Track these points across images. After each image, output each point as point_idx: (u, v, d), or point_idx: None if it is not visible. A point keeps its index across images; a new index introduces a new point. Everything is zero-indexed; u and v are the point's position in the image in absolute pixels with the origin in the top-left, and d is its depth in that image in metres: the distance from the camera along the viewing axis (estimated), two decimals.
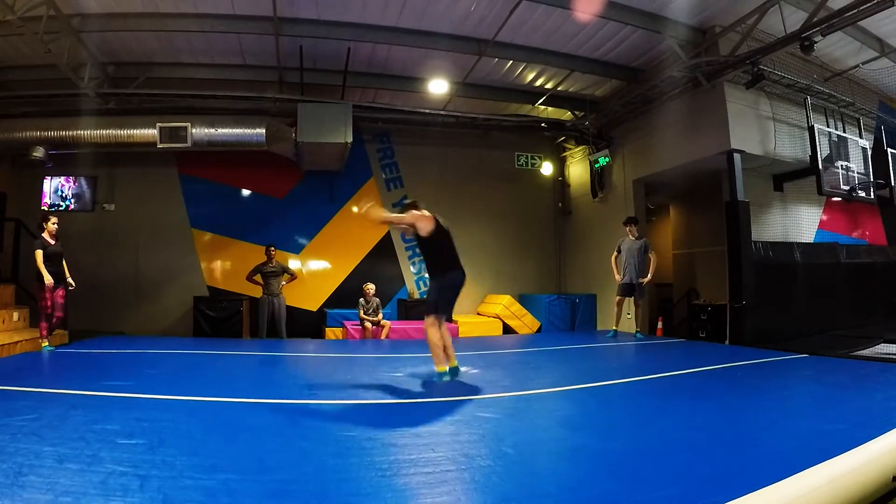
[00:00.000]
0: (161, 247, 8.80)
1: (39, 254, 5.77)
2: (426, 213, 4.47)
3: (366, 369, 4.92)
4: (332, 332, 8.30)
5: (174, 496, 1.86)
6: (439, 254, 4.45)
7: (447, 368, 4.32)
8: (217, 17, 6.60)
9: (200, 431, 2.69)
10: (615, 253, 7.49)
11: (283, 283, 7.86)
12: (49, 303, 5.79)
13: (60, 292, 5.96)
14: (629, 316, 7.76)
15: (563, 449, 2.60)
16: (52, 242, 5.98)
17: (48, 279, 5.72)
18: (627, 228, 7.46)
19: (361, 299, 7.81)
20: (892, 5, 5.14)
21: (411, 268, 9.95)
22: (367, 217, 4.58)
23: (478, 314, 9.76)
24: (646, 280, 7.23)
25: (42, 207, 8.44)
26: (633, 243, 7.35)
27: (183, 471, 2.09)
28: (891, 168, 8.19)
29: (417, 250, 9.85)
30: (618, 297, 7.48)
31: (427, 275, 4.61)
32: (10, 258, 7.94)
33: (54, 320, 5.96)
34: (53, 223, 6.06)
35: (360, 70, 8.08)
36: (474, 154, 10.23)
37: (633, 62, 8.05)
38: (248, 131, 7.77)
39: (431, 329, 4.33)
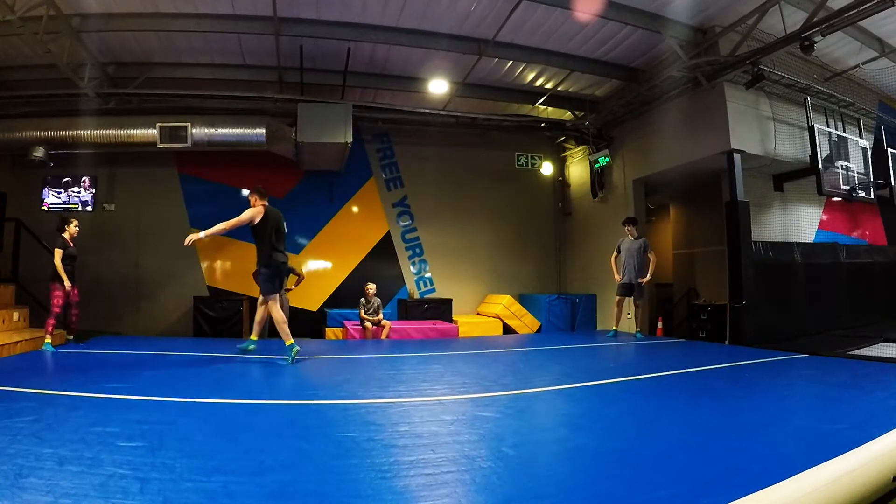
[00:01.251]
0: (161, 247, 8.79)
1: (59, 253, 5.91)
2: (260, 204, 5.19)
3: (366, 369, 4.92)
4: (333, 332, 8.30)
5: (174, 499, 1.86)
6: (264, 241, 5.15)
7: (294, 341, 5.04)
8: (217, 17, 6.60)
9: (200, 433, 2.69)
10: (615, 253, 7.51)
11: (292, 286, 7.70)
12: (62, 301, 5.92)
13: (75, 290, 6.14)
14: (629, 316, 7.76)
15: (563, 449, 2.60)
16: (72, 245, 6.15)
17: (67, 283, 5.91)
18: (627, 228, 7.49)
19: (362, 299, 7.81)
20: (892, 5, 5.14)
21: (411, 268, 9.95)
22: (192, 242, 4.94)
23: (478, 314, 9.76)
24: (645, 280, 7.26)
25: (42, 207, 8.46)
26: (632, 243, 7.39)
27: (183, 473, 2.09)
28: (891, 168, 8.19)
29: (417, 250, 9.98)
30: (617, 297, 7.52)
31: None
32: (9, 258, 7.93)
33: (73, 318, 6.21)
34: (75, 226, 6.26)
35: (360, 70, 8.08)
36: (474, 154, 10.23)
37: (633, 62, 8.05)
38: (248, 131, 7.77)
39: (276, 307, 5.07)
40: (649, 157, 8.52)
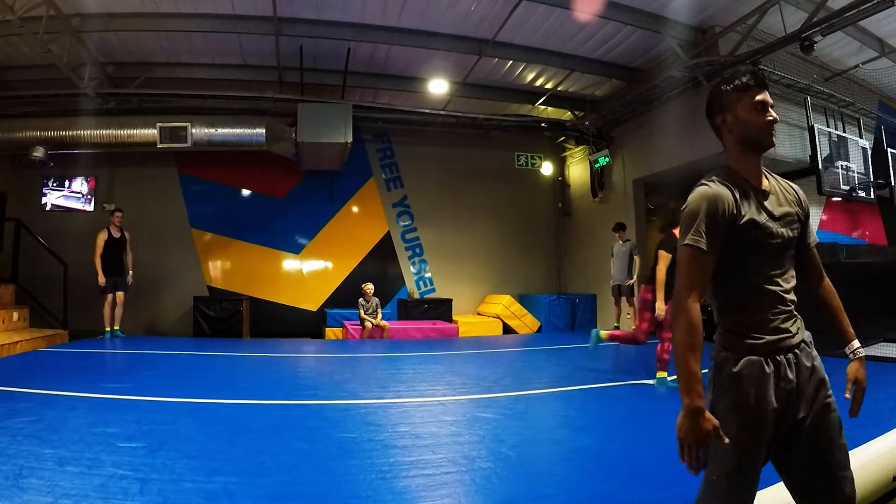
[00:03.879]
0: (161, 247, 8.78)
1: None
2: None
3: (366, 369, 4.93)
4: (332, 332, 8.30)
5: (174, 499, 1.86)
6: None
7: None
8: (217, 17, 6.59)
9: (200, 434, 2.69)
10: (611, 256, 8.04)
11: None
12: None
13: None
14: (629, 315, 7.86)
15: (563, 450, 2.61)
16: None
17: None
18: (617, 234, 7.97)
19: (361, 299, 7.82)
20: (892, 5, 5.13)
21: (411, 268, 9.95)
22: None
23: (478, 314, 9.76)
24: (631, 281, 7.68)
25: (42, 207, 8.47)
26: (620, 247, 7.90)
27: (183, 474, 2.09)
28: (891, 168, 8.18)
29: (417, 250, 9.97)
30: (613, 298, 8.06)
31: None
32: (9, 258, 7.92)
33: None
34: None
35: (360, 70, 8.06)
36: (474, 154, 10.21)
37: (633, 62, 8.04)
38: (247, 131, 7.77)
39: None
40: (649, 157, 8.51)
